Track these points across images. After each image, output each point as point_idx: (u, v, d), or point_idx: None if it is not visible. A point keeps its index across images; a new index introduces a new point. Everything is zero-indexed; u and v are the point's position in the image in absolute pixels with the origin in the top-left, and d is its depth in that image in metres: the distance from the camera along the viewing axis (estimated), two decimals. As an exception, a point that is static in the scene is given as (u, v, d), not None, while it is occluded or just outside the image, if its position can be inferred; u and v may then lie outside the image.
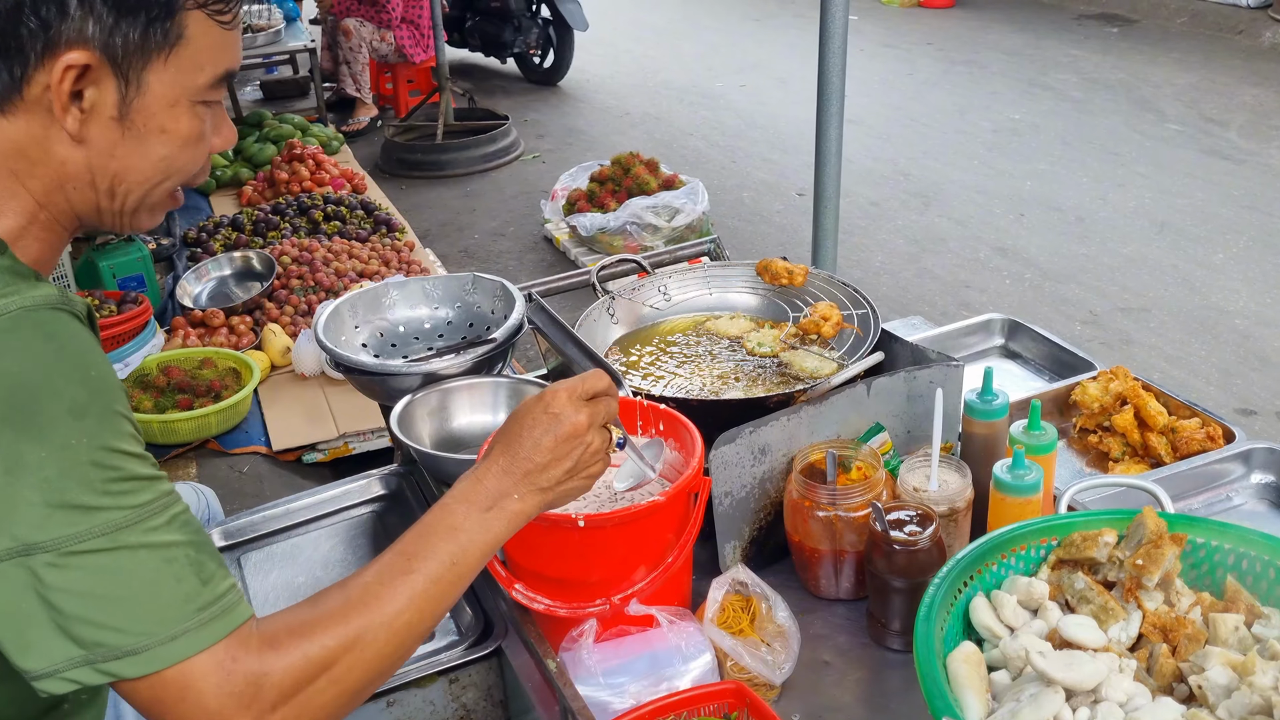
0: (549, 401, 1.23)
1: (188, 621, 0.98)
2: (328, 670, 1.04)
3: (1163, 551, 1.33)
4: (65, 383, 0.97)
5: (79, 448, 0.96)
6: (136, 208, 1.15)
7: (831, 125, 2.62)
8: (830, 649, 1.63)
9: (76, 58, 1.02)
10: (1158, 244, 5.17)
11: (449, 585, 1.14)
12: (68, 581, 0.95)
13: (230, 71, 1.14)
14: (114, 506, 0.96)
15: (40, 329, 0.98)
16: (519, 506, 1.21)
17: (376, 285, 2.21)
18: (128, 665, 0.96)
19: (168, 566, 0.99)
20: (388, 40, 7.25)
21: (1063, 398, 2.13)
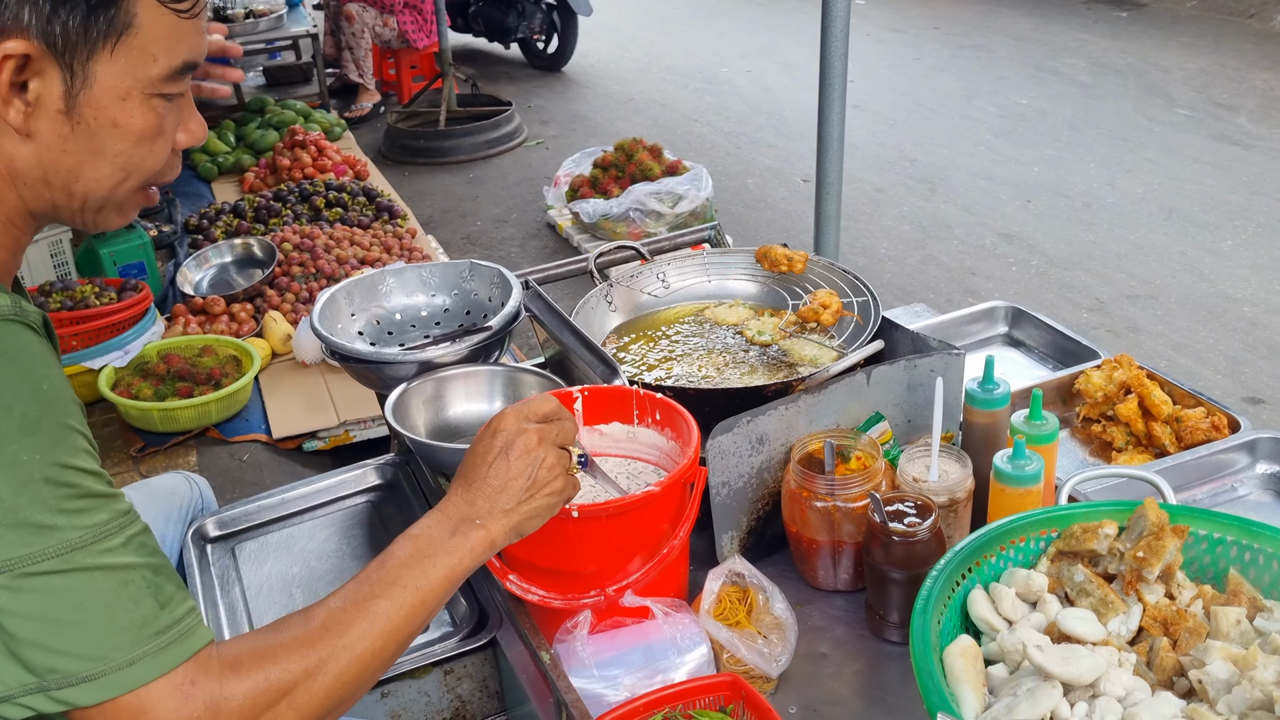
0: (495, 425, 1.25)
1: (145, 646, 0.96)
2: (288, 695, 1.03)
3: (1164, 544, 1.31)
4: (15, 397, 0.94)
5: (31, 464, 0.92)
6: (101, 206, 1.11)
7: (834, 110, 2.59)
8: (828, 641, 1.61)
9: (15, 46, 0.97)
10: (1166, 230, 5.13)
11: (413, 613, 1.13)
12: (20, 605, 0.92)
13: (189, 63, 1.08)
14: (69, 526, 0.93)
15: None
16: (483, 533, 1.20)
17: (373, 272, 2.19)
18: (82, 693, 0.94)
19: (124, 589, 0.96)
20: (390, 25, 7.22)
21: (1066, 386, 2.11)
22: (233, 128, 6.25)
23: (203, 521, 1.97)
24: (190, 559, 1.88)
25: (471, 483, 1.22)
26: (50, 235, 4.01)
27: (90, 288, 3.71)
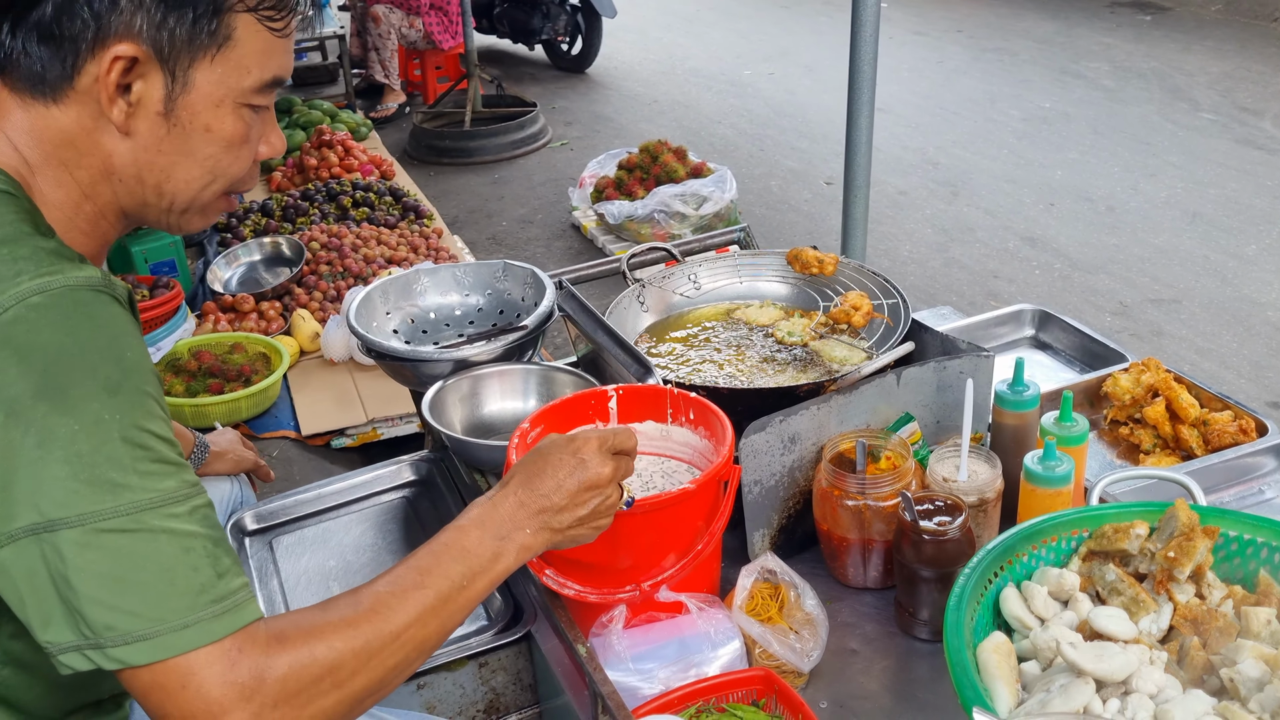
0: (579, 447, 1.28)
1: (200, 612, 0.98)
2: (333, 674, 1.05)
3: (1194, 544, 1.32)
4: (100, 360, 0.98)
5: (111, 423, 0.96)
6: (186, 208, 1.18)
7: (862, 115, 2.61)
8: (858, 637, 1.63)
9: (125, 49, 1.05)
10: (1189, 235, 5.13)
11: (457, 607, 1.16)
12: (87, 560, 0.95)
13: (279, 78, 1.16)
14: (140, 487, 0.97)
15: (81, 307, 0.99)
16: (528, 541, 1.24)
17: (408, 272, 2.23)
18: (136, 652, 0.96)
19: (186, 555, 0.99)
20: (416, 26, 7.27)
21: (1094, 389, 2.12)
22: (260, 127, 6.30)
23: (242, 514, 2.01)
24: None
25: (535, 490, 1.25)
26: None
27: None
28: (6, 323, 0.96)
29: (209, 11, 1.08)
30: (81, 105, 1.08)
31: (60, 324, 0.98)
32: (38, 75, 1.07)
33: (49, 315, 0.97)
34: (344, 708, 1.07)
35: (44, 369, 0.95)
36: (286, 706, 1.01)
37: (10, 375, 0.95)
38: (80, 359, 0.97)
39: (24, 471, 0.94)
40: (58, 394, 0.95)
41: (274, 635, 1.03)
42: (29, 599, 0.97)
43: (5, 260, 0.99)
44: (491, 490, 1.27)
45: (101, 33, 1.05)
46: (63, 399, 0.95)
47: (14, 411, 0.94)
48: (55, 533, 0.94)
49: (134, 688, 0.99)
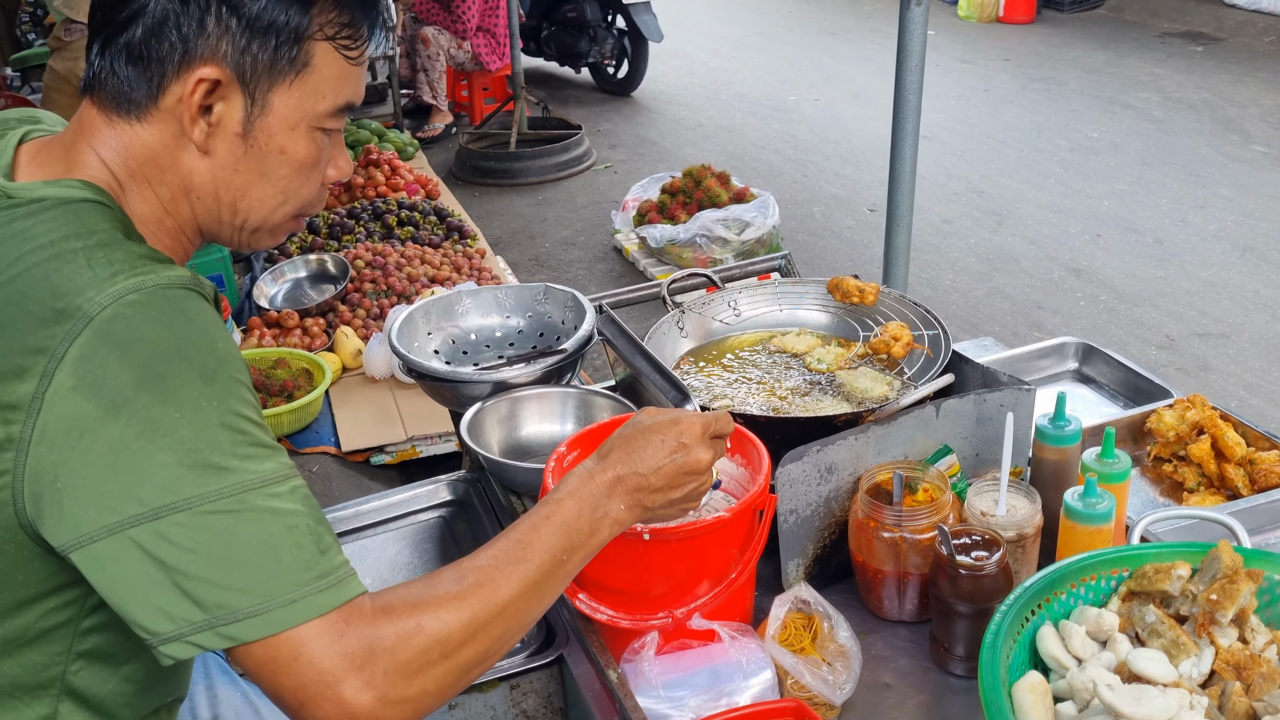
0: (684, 430, 1.29)
1: (307, 587, 1.00)
2: (441, 645, 1.06)
3: (1238, 587, 1.30)
4: (195, 351, 1.02)
5: (210, 410, 1.00)
6: (258, 227, 1.22)
7: (907, 144, 2.60)
8: (891, 671, 1.62)
9: (209, 72, 1.10)
10: (1239, 268, 5.06)
11: (556, 580, 1.19)
12: (195, 542, 0.98)
13: (351, 103, 1.21)
14: (242, 469, 1.00)
15: (173, 303, 1.03)
16: (621, 516, 1.26)
17: (449, 292, 2.25)
18: (247, 628, 0.99)
19: (289, 534, 1.01)
20: (465, 48, 7.35)
21: (1137, 425, 2.09)
22: (309, 146, 6.39)
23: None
24: (268, 566, 1.93)
25: (634, 468, 1.26)
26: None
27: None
28: (105, 320, 0.99)
29: (291, 39, 1.13)
30: (164, 124, 1.13)
31: (156, 319, 1.01)
32: (124, 94, 1.12)
33: (145, 311, 1.01)
34: (452, 677, 1.08)
35: (143, 362, 0.99)
36: (397, 675, 1.03)
37: (111, 369, 0.98)
38: (177, 351, 1.01)
39: (127, 463, 0.97)
40: (158, 385, 0.98)
41: (380, 608, 1.05)
42: (131, 589, 0.99)
43: (101, 262, 1.03)
44: (587, 462, 1.28)
45: (188, 55, 1.10)
46: (163, 389, 0.98)
47: (115, 405, 0.97)
48: (161, 519, 0.97)
49: (247, 664, 1.02)
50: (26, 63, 7.10)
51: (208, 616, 0.98)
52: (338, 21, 1.16)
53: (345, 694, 1.00)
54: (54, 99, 5.38)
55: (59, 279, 1.01)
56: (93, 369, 0.97)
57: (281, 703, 1.03)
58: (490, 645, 1.12)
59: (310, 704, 1.01)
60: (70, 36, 5.36)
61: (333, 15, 1.16)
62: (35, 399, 0.97)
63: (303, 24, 1.13)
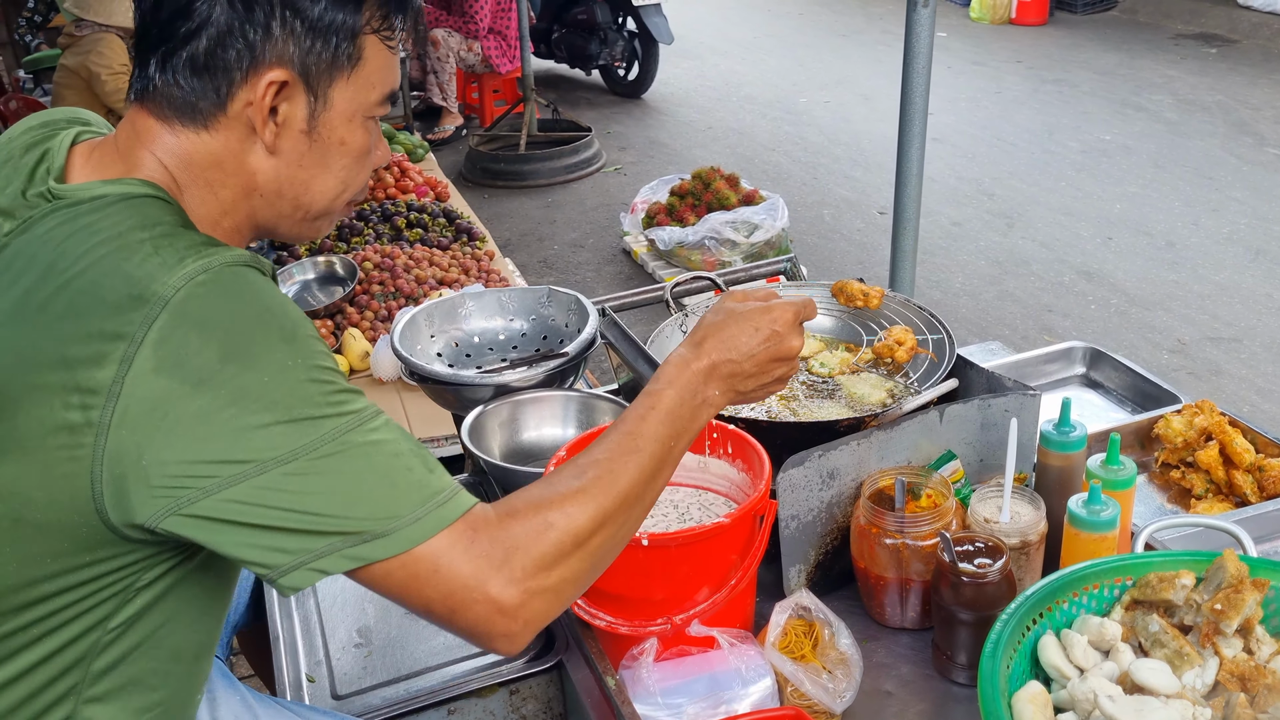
0: (776, 317, 1.31)
1: (426, 504, 1.06)
2: (573, 536, 1.11)
3: (1243, 597, 1.28)
4: (270, 316, 1.06)
5: (295, 368, 1.04)
6: (319, 215, 1.27)
7: (913, 146, 2.59)
8: (893, 679, 1.60)
9: (278, 74, 1.14)
10: (1252, 272, 5.02)
11: (666, 466, 1.23)
12: (311, 485, 1.02)
13: (393, 91, 1.26)
14: (336, 414, 1.04)
15: (240, 278, 1.08)
16: (718, 401, 1.29)
17: (453, 295, 2.24)
18: (378, 548, 1.03)
19: (397, 460, 1.06)
20: (475, 50, 7.36)
21: (1145, 431, 2.08)
22: (319, 147, 6.40)
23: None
24: (268, 569, 1.93)
25: (727, 355, 1.29)
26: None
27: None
28: (180, 301, 1.03)
29: (348, 35, 1.17)
30: (230, 130, 1.17)
31: (227, 294, 1.06)
32: (190, 104, 1.16)
33: (216, 289, 1.05)
34: (587, 564, 1.13)
35: (223, 335, 1.03)
36: (535, 568, 1.08)
37: (193, 347, 1.01)
38: (254, 320, 1.05)
39: (224, 430, 1.00)
40: (242, 354, 1.02)
41: (505, 513, 1.10)
42: (240, 540, 1.03)
43: (168, 249, 1.06)
44: (681, 349, 1.30)
45: (255, 61, 1.14)
46: (248, 357, 1.02)
47: (201, 380, 1.00)
48: (266, 473, 1.01)
49: (388, 586, 1.06)
50: (39, 65, 7.15)
51: (328, 543, 1.02)
52: (380, 14, 1.21)
53: (492, 592, 1.06)
54: (63, 95, 5.42)
55: (130, 267, 1.04)
56: (173, 349, 1.01)
57: (432, 614, 1.08)
58: (617, 531, 1.17)
59: (461, 609, 1.06)
60: (81, 32, 5.40)
61: (375, 9, 1.20)
62: (115, 383, 1.00)
63: (357, 21, 1.18)
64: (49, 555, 1.07)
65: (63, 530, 1.05)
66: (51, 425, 1.01)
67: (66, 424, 1.01)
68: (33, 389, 1.02)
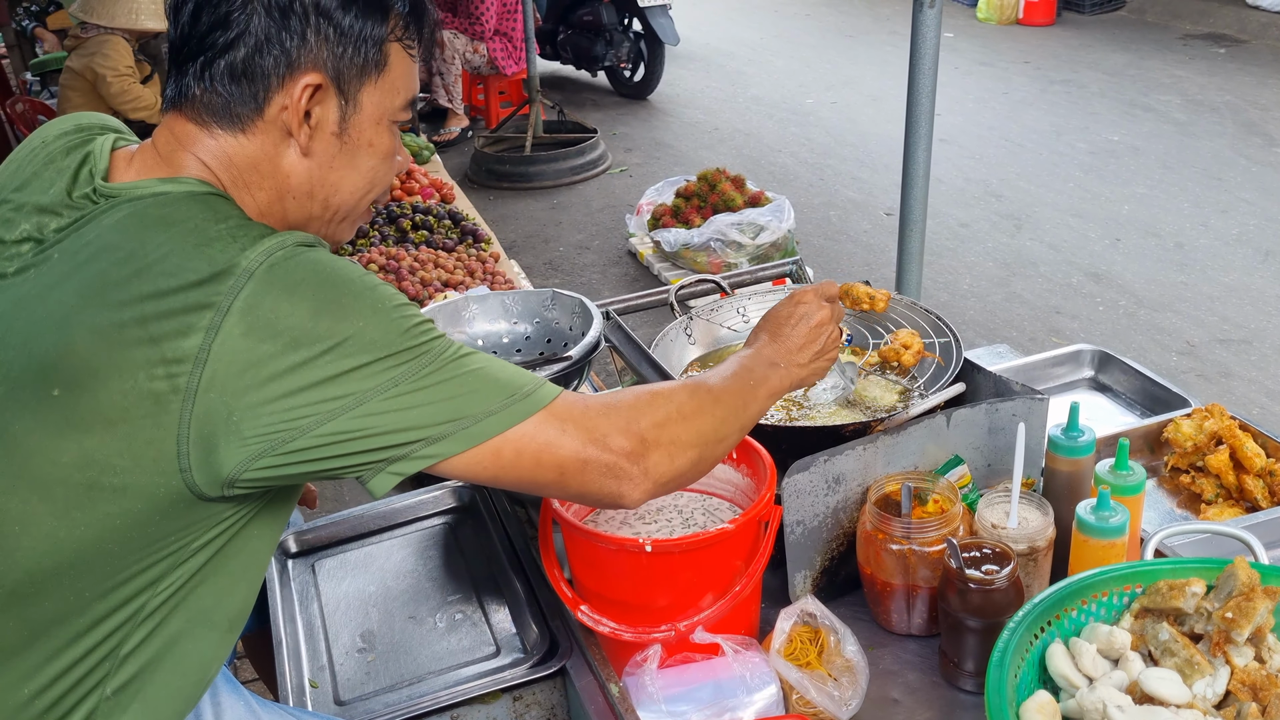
0: (799, 299, 1.55)
1: (529, 385, 1.19)
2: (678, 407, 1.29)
3: (1254, 605, 1.27)
4: (346, 273, 1.14)
5: (384, 310, 1.13)
6: (345, 217, 1.34)
7: (919, 148, 2.57)
8: (900, 686, 1.59)
9: (313, 79, 1.21)
10: (1262, 273, 4.99)
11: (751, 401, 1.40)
12: (424, 399, 1.12)
13: (414, 96, 1.33)
14: (430, 346, 1.14)
15: (311, 250, 1.15)
16: (785, 375, 1.48)
17: (457, 298, 2.23)
18: (491, 425, 1.15)
19: (490, 364, 1.19)
20: (480, 52, 7.35)
21: (1154, 435, 2.06)
22: (325, 149, 6.40)
23: (285, 536, 2.02)
24: (271, 573, 1.92)
25: (779, 339, 1.51)
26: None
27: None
28: (265, 271, 1.10)
29: (377, 42, 1.24)
30: (267, 133, 1.23)
31: (306, 264, 1.13)
32: (228, 109, 1.22)
33: (294, 260, 1.12)
34: (691, 435, 1.29)
35: (310, 294, 1.10)
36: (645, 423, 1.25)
37: (283, 310, 1.08)
38: (335, 278, 1.13)
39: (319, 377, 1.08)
40: (333, 308, 1.10)
41: (604, 405, 1.24)
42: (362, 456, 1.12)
43: (243, 236, 1.13)
44: (740, 351, 1.50)
45: (292, 66, 1.20)
46: (339, 310, 1.10)
47: (296, 339, 1.07)
48: (369, 401, 1.10)
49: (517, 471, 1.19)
50: (45, 67, 7.16)
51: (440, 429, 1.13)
52: (404, 23, 1.28)
53: (611, 442, 1.21)
54: (69, 96, 5.43)
55: (212, 250, 1.10)
56: (263, 314, 1.07)
57: (552, 483, 1.21)
58: (717, 425, 1.33)
59: (590, 464, 1.21)
60: (86, 33, 5.42)
61: (399, 19, 1.28)
62: (202, 350, 1.06)
63: (383, 29, 1.25)
64: (120, 514, 1.11)
65: (140, 492, 1.10)
66: (136, 396, 1.06)
67: (152, 393, 1.06)
68: (116, 365, 1.06)
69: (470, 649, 1.75)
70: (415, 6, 1.31)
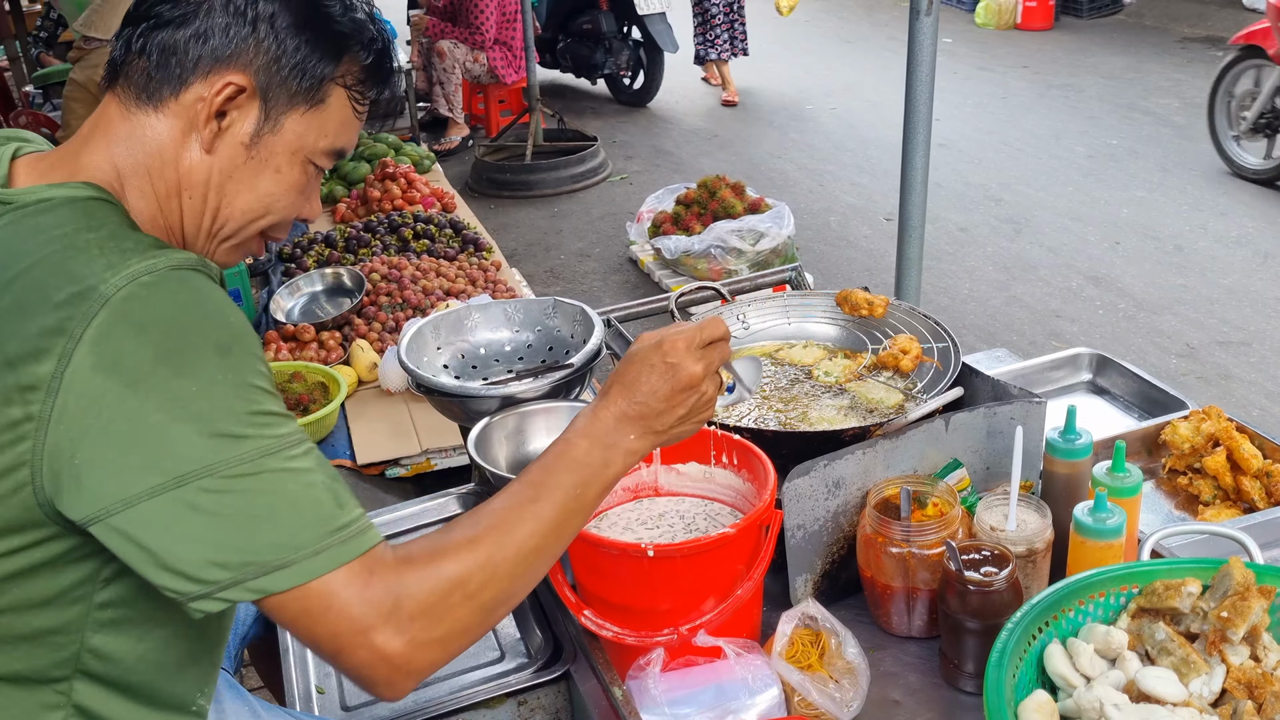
0: (668, 350, 1.27)
1: (329, 539, 1.05)
2: (462, 587, 1.11)
3: (1249, 604, 1.28)
4: (209, 325, 1.07)
5: (225, 382, 1.05)
6: (228, 237, 1.27)
7: (918, 153, 2.59)
8: (900, 688, 1.60)
9: (239, 79, 1.18)
10: (1261, 275, 5.01)
11: (572, 515, 1.22)
12: (217, 505, 1.02)
13: (343, 150, 1.29)
14: (258, 435, 1.05)
15: (185, 282, 1.08)
16: (634, 446, 1.26)
17: (459, 307, 2.25)
18: (276, 580, 1.03)
19: (308, 491, 1.06)
20: (480, 61, 7.38)
21: (1152, 437, 2.07)
22: (327, 159, 6.42)
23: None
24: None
25: (633, 399, 1.26)
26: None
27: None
28: (121, 300, 1.03)
29: (317, 78, 1.22)
30: (176, 118, 1.20)
31: (169, 298, 1.06)
32: (149, 82, 1.19)
33: (159, 291, 1.06)
34: (477, 617, 1.13)
35: (160, 338, 1.03)
36: (424, 619, 1.08)
37: (129, 347, 1.02)
38: (192, 326, 1.06)
39: (148, 435, 1.01)
40: (175, 359, 1.03)
41: (402, 559, 1.10)
42: (154, 556, 1.03)
43: (114, 250, 1.07)
44: (591, 403, 1.29)
45: (221, 60, 1.18)
46: (180, 363, 1.03)
47: (135, 380, 1.01)
48: (184, 486, 1.01)
49: (283, 617, 1.07)
50: (48, 80, 7.18)
51: (233, 574, 1.03)
52: (358, 76, 1.27)
53: (377, 641, 1.06)
54: (73, 108, 5.44)
55: (75, 265, 1.05)
56: (111, 347, 1.01)
57: (320, 651, 1.09)
58: (512, 585, 1.16)
59: (346, 651, 1.07)
60: (90, 45, 5.44)
61: (355, 69, 1.26)
62: (54, 379, 1.01)
63: (329, 69, 1.23)
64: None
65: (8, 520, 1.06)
66: None
67: (8, 420, 1.02)
68: None
69: (474, 654, 1.77)
70: (377, 68, 1.29)
